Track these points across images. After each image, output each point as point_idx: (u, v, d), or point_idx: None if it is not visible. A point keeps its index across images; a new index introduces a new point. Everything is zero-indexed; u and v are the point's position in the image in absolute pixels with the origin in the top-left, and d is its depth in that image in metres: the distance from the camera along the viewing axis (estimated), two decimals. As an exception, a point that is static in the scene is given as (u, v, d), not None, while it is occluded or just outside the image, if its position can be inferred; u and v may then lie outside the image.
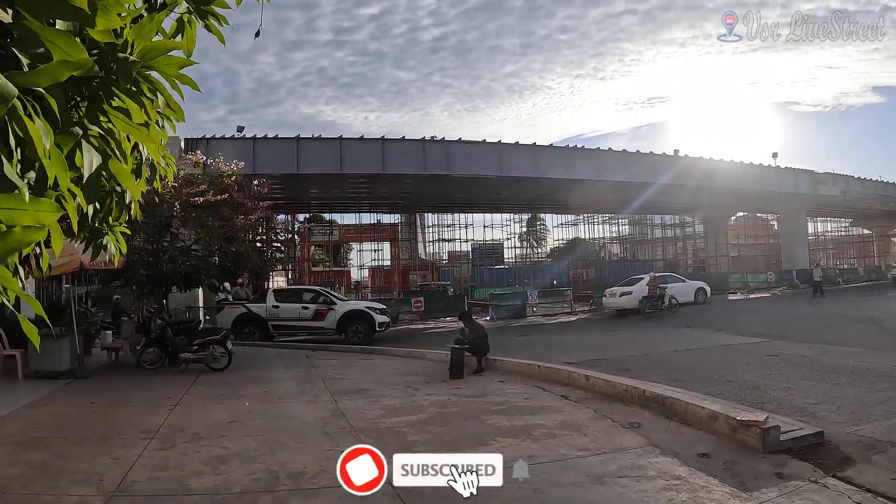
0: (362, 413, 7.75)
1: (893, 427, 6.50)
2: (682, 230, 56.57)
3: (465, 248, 48.20)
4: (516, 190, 35.99)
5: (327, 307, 19.43)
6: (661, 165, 34.90)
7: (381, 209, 43.30)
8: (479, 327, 12.23)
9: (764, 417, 6.01)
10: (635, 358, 12.78)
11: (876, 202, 50.75)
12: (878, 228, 68.61)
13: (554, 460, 5.49)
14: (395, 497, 4.58)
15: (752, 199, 43.90)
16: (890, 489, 4.69)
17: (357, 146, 29.14)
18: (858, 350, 12.29)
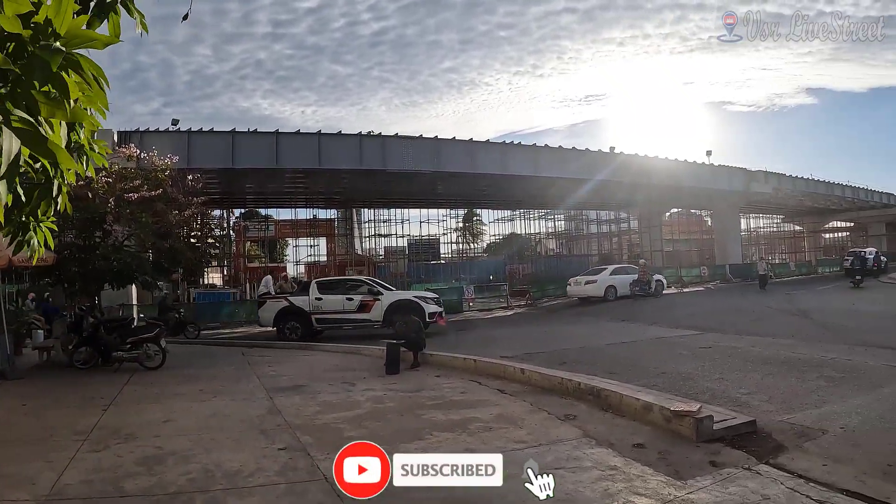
0: (298, 410, 7.67)
1: (824, 415, 6.68)
2: (617, 226, 57.44)
3: (401, 244, 48.15)
4: (453, 185, 36.04)
5: (373, 298, 18.23)
6: (597, 162, 35.23)
7: (318, 204, 42.95)
8: (415, 322, 12.26)
9: (697, 407, 6.10)
10: (571, 351, 12.84)
11: (807, 199, 52.58)
12: (808, 225, 71.15)
13: (490, 453, 5.48)
14: (331, 493, 4.57)
15: (686, 195, 44.84)
16: (821, 475, 4.83)
17: (293, 141, 28.74)
18: (790, 341, 12.61)
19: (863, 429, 6.14)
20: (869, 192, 57.62)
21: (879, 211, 61.55)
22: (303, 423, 6.89)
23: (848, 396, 7.56)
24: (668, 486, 4.63)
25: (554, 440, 5.92)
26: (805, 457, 5.32)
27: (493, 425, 6.57)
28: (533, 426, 6.49)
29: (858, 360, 9.92)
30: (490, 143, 33.34)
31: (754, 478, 4.80)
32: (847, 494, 4.41)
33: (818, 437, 5.90)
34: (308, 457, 5.52)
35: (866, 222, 66.67)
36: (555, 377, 8.45)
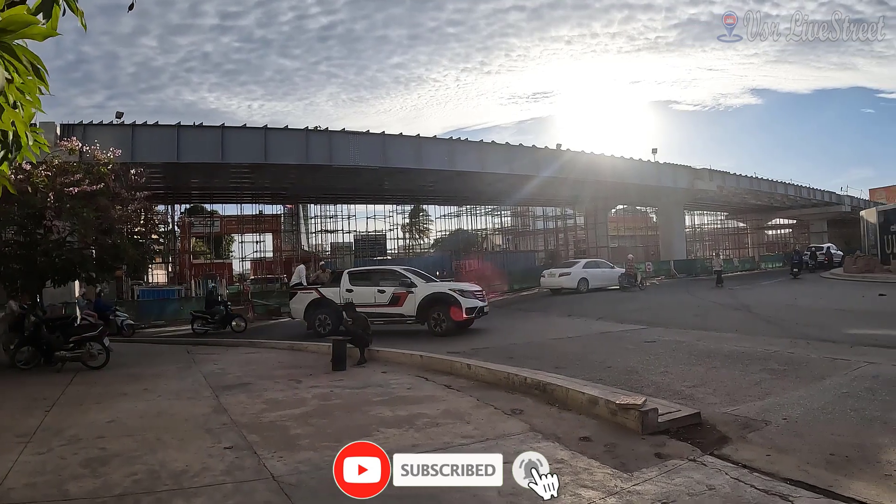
0: (244, 408, 7.61)
1: (767, 407, 6.82)
2: (563, 222, 57.95)
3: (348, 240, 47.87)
4: (400, 181, 35.93)
5: (406, 290, 16.47)
6: (544, 159, 35.45)
7: (264, 200, 42.37)
8: (362, 318, 12.24)
9: (642, 400, 6.16)
10: (518, 346, 12.95)
11: (750, 197, 53.78)
12: (752, 222, 72.88)
13: (437, 449, 5.49)
14: (278, 491, 4.57)
15: (632, 192, 45.38)
16: (765, 464, 4.93)
17: (239, 135, 28.19)
18: (733, 335, 12.82)
19: (805, 420, 6.27)
20: (811, 191, 59.25)
21: (821, 209, 63.33)
22: (249, 422, 6.83)
23: (790, 388, 7.70)
24: (615, 479, 4.68)
25: (501, 435, 5.95)
26: (749, 447, 5.43)
27: (441, 421, 6.58)
28: (480, 421, 6.51)
29: (800, 353, 10.13)
30: (437, 139, 33.24)
31: (699, 469, 4.88)
32: (791, 483, 4.51)
33: (762, 428, 6.02)
34: (255, 455, 5.47)
35: (808, 220, 68.52)
36: (501, 372, 8.51)
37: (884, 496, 4.21)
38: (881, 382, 7.67)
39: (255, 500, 4.44)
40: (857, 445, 5.35)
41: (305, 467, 5.09)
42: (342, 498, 4.34)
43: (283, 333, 18.23)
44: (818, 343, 11.20)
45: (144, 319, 25.13)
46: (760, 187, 51.19)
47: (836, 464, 4.91)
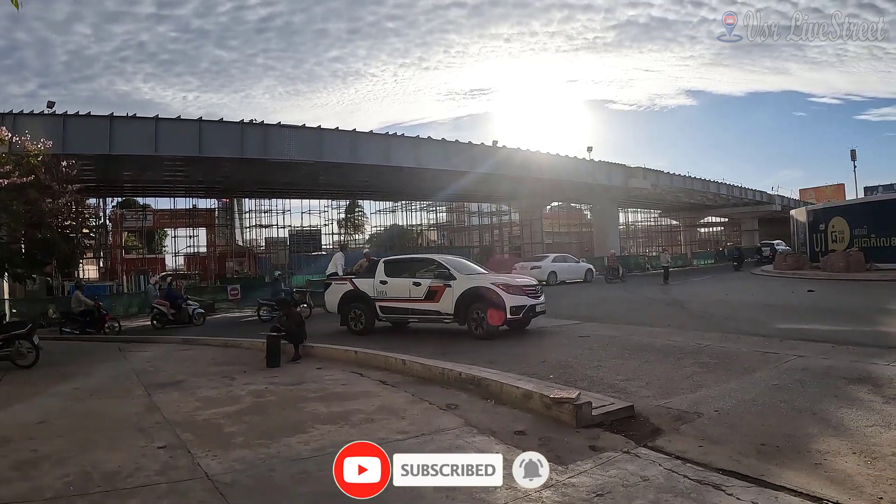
0: (178, 406, 7.48)
1: (699, 399, 6.93)
2: (498, 218, 58.36)
3: (282, 235, 47.36)
4: (335, 176, 35.66)
5: (443, 283, 13.88)
6: (480, 155, 35.66)
7: (198, 193, 41.49)
8: (296, 314, 12.18)
9: (576, 394, 6.23)
10: (451, 341, 12.95)
11: (683, 195, 55.08)
12: (685, 220, 74.59)
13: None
14: (213, 491, 4.53)
15: (567, 189, 45.86)
16: (697, 455, 5.03)
17: (173, 127, 27.51)
18: (665, 330, 12.96)
19: (736, 411, 6.41)
20: (743, 190, 61.13)
21: (752, 207, 65.34)
22: (182, 420, 6.74)
23: (722, 381, 7.85)
24: (550, 472, 4.66)
25: (436, 430, 5.98)
26: (682, 439, 5.54)
27: (376, 416, 6.59)
28: (415, 416, 6.54)
29: (731, 347, 10.31)
30: (373, 134, 33.06)
31: (633, 460, 4.97)
32: (723, 473, 4.60)
33: (694, 420, 6.14)
34: (189, 454, 5.40)
35: (740, 218, 70.59)
36: (436, 367, 8.55)
37: (814, 484, 4.32)
38: (810, 375, 7.86)
39: (190, 500, 4.37)
40: (787, 436, 5.49)
41: (240, 466, 5.05)
42: (277, 496, 4.38)
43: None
44: (749, 337, 11.43)
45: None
46: (693, 186, 52.52)
47: (768, 454, 5.03)
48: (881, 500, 4.02)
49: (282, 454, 5.34)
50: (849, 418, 5.96)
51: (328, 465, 4.81)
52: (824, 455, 4.95)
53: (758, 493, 4.21)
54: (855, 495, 4.11)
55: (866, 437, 5.34)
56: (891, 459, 4.76)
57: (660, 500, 4.18)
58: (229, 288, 27.04)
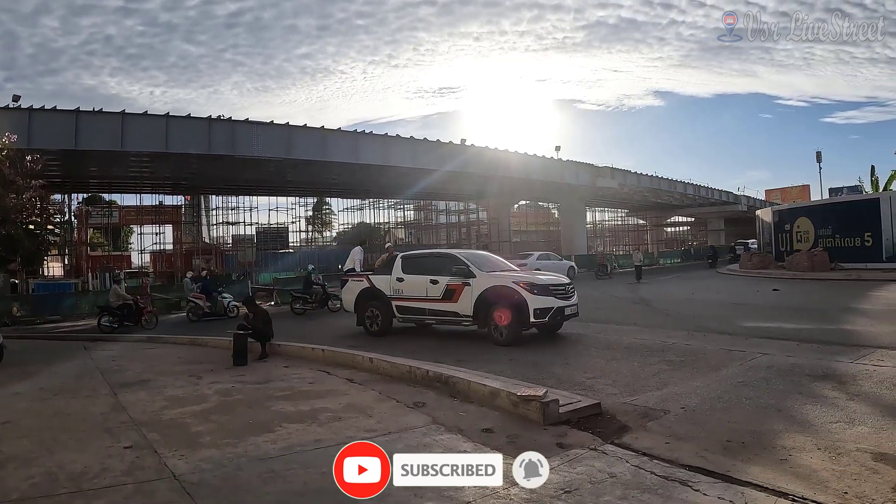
0: (144, 406, 7.41)
1: (666, 396, 6.98)
2: (466, 216, 58.46)
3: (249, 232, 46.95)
4: (303, 173, 35.43)
5: (461, 281, 12.46)
6: (448, 154, 35.71)
7: (164, 190, 40.99)
8: (263, 312, 12.11)
9: (543, 392, 6.24)
10: (420, 339, 12.99)
11: (650, 195, 55.70)
12: (651, 219, 75.25)
13: (341, 443, 5.26)
14: (180, 491, 4.50)
15: (535, 188, 46.11)
16: (664, 452, 5.05)
17: (140, 122, 27.11)
18: (632, 328, 13.06)
19: (702, 408, 6.45)
20: (710, 190, 61.97)
21: (719, 207, 66.19)
22: (149, 420, 6.68)
23: (688, 379, 7.90)
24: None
25: (404, 428, 5.97)
26: (649, 436, 5.56)
27: (343, 415, 6.57)
28: (382, 414, 6.53)
29: (697, 345, 10.37)
30: (342, 131, 32.97)
31: (601, 457, 4.98)
32: (690, 469, 4.63)
33: (660, 417, 6.19)
34: (155, 454, 5.35)
35: (706, 218, 71.52)
36: (403, 365, 8.55)
37: (780, 479, 4.36)
38: (775, 372, 7.94)
39: (157, 501, 4.34)
40: (753, 432, 5.54)
41: (207, 465, 5.01)
42: (245, 496, 4.37)
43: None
44: (715, 335, 11.52)
45: (39, 314, 23.89)
46: (660, 186, 53.12)
47: (734, 450, 5.08)
48: (846, 495, 4.07)
49: (249, 453, 5.31)
50: (813, 415, 6.05)
51: (296, 464, 4.85)
52: (790, 451, 5.01)
53: (724, 488, 4.25)
54: (820, 490, 4.16)
55: (831, 434, 5.41)
56: (855, 455, 4.83)
57: (627, 496, 4.20)
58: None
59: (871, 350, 9.19)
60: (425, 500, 4.18)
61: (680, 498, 4.13)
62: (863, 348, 9.38)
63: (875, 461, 4.69)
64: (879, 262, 28.02)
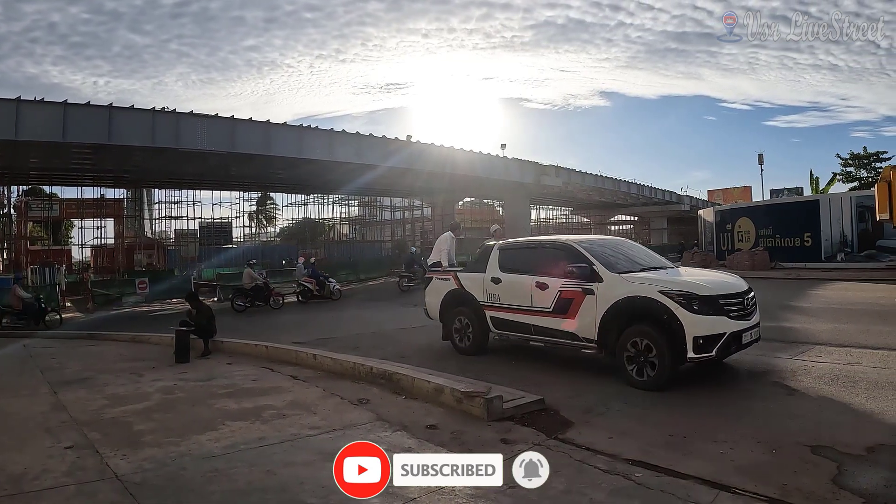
0: (85, 404, 7.26)
1: (608, 393, 7.08)
2: (410, 213, 58.35)
3: (192, 227, 46.06)
4: (248, 167, 34.74)
5: (581, 287, 8.19)
6: (394, 150, 35.26)
7: (106, 183, 39.73)
8: (206, 308, 11.97)
9: (487, 388, 6.32)
10: (364, 336, 12.87)
11: (594, 194, 56.18)
12: (595, 217, 75.99)
13: (285, 440, 5.49)
14: (122, 491, 4.44)
15: (481, 185, 45.95)
16: (607, 446, 5.13)
17: (83, 113, 25.82)
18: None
19: (644, 404, 6.56)
20: (653, 190, 62.78)
21: (662, 207, 67.03)
22: (90, 419, 6.56)
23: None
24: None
25: (348, 425, 5.97)
26: (592, 431, 5.63)
27: (287, 412, 6.55)
28: (326, 412, 6.52)
29: None
30: (287, 125, 32.23)
31: (544, 452, 4.84)
32: (633, 463, 4.70)
33: (603, 412, 6.29)
34: (97, 454, 5.27)
35: (650, 217, 72.48)
36: (347, 362, 8.54)
37: (720, 472, 4.47)
38: (715, 368, 8.08)
39: (100, 502, 4.28)
40: (694, 427, 5.68)
41: (150, 465, 4.96)
42: (188, 495, 4.34)
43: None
44: None
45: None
46: (605, 185, 53.60)
47: (675, 444, 5.19)
48: (786, 487, 4.20)
49: (192, 452, 5.28)
50: (754, 409, 6.21)
51: (240, 463, 4.84)
52: (730, 445, 5.13)
53: (667, 482, 4.33)
54: (760, 483, 4.28)
55: (770, 427, 5.58)
56: (794, 448, 4.98)
57: (571, 490, 4.26)
58: (137, 281, 26.21)
59: (810, 346, 9.43)
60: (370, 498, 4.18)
61: (623, 492, 4.21)
62: (802, 345, 9.60)
63: (813, 454, 4.85)
64: (818, 261, 28.93)
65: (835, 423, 5.66)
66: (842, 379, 7.25)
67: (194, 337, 10.93)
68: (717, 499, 4.03)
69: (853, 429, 5.45)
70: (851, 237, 28.71)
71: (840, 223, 28.98)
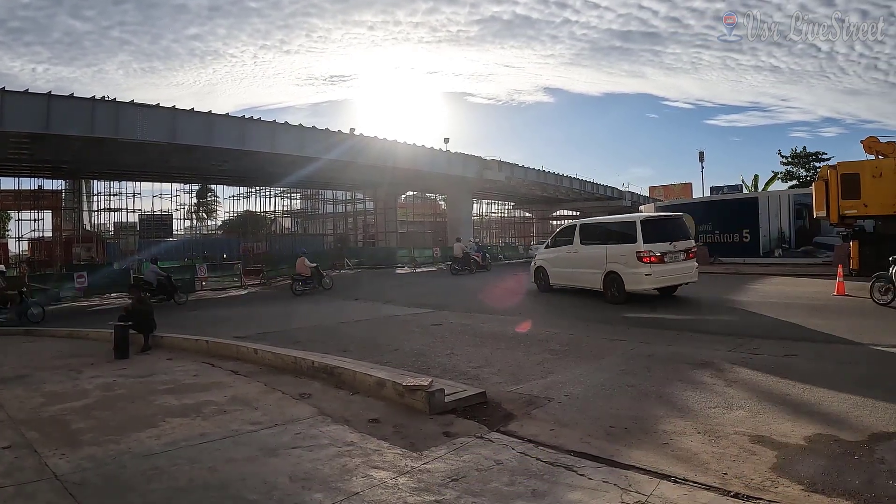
0: (22, 402, 7.08)
1: (550, 385, 7.12)
2: (353, 206, 58.00)
3: (132, 219, 44.91)
4: (189, 159, 34.00)
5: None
6: (337, 142, 35.06)
7: (44, 174, 38.41)
8: (147, 302, 11.79)
9: (428, 382, 6.32)
10: (305, 330, 12.82)
11: (537, 189, 56.71)
12: (537, 212, 76.63)
13: (226, 436, 5.44)
14: (62, 491, 4.36)
15: (424, 179, 45.92)
16: (549, 438, 5.18)
17: (20, 100, 24.88)
18: (518, 318, 13.07)
19: (586, 396, 6.61)
20: (595, 185, 63.83)
21: (604, 202, 67.69)
22: (27, 417, 6.41)
23: (571, 367, 8.07)
24: (405, 458, 4.80)
25: (289, 419, 5.96)
26: (534, 423, 5.69)
27: (228, 408, 6.50)
28: (268, 407, 6.50)
29: (580, 335, 10.59)
30: (230, 117, 31.65)
31: (487, 445, 5.06)
32: (574, 455, 4.73)
33: (545, 404, 6.32)
34: (35, 454, 5.16)
35: (591, 212, 72.97)
36: (288, 357, 8.51)
37: (661, 462, 4.54)
38: (656, 361, 8.23)
39: (39, 503, 4.22)
40: (635, 418, 5.74)
41: (89, 464, 4.88)
42: (129, 494, 4.29)
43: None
44: (597, 325, 11.80)
45: None
46: (547, 180, 54.19)
47: (617, 435, 5.25)
48: (726, 476, 4.30)
49: (132, 450, 5.21)
50: (693, 400, 6.31)
51: (181, 460, 4.81)
52: (671, 435, 5.23)
53: (608, 472, 4.38)
54: (701, 472, 4.37)
55: (710, 418, 5.69)
56: (733, 438, 5.09)
57: (514, 482, 4.28)
58: (76, 275, 25.46)
59: (749, 339, 9.63)
60: (313, 493, 4.22)
61: (565, 483, 4.26)
62: (740, 337, 9.79)
63: (753, 443, 4.98)
64: (757, 256, 29.80)
65: (773, 413, 5.81)
66: (779, 371, 7.43)
67: (133, 332, 10.72)
68: (658, 488, 4.10)
69: (791, 419, 5.59)
70: (789, 233, 29.63)
71: (778, 220, 29.87)
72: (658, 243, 14.49)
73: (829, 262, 24.55)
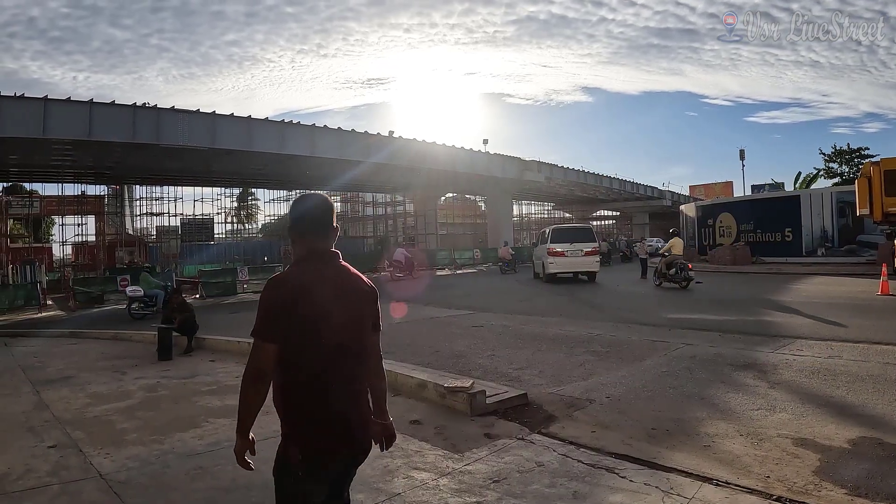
0: (67, 403, 7.21)
1: (591, 386, 7.07)
2: (393, 208, 58.21)
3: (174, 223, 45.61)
4: (229, 163, 34.51)
5: None
6: (375, 145, 35.18)
7: (87, 179, 39.25)
8: (188, 305, 11.93)
9: (470, 383, 6.30)
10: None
11: (577, 189, 56.51)
12: (577, 212, 76.14)
13: (268, 437, 5.41)
14: (107, 490, 4.40)
15: (462, 181, 45.94)
16: (590, 440, 5.13)
17: (63, 109, 25.55)
18: (557, 319, 13.07)
19: (627, 398, 6.55)
20: (635, 185, 63.28)
21: (644, 202, 67.47)
22: (73, 418, 6.51)
23: (613, 369, 8.01)
24: (446, 460, 4.77)
25: None
26: (575, 425, 5.63)
27: (272, 409, 6.42)
28: (314, 407, 6.52)
29: (622, 336, 10.51)
30: (268, 121, 32.04)
31: (528, 447, 5.02)
32: (615, 457, 4.70)
33: (586, 406, 6.26)
34: (80, 453, 5.23)
35: (631, 212, 72.90)
36: (329, 358, 8.55)
37: (703, 465, 4.47)
38: (698, 362, 8.13)
39: (84, 501, 4.23)
40: (676, 420, 5.67)
41: (134, 463, 4.93)
42: (172, 493, 4.31)
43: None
44: (639, 326, 11.70)
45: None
46: (587, 180, 53.90)
47: (658, 437, 5.20)
48: (768, 479, 4.21)
49: (176, 450, 5.26)
50: (735, 403, 6.21)
51: (223, 460, 4.81)
52: (713, 437, 5.15)
53: (650, 474, 4.33)
54: (743, 475, 4.29)
55: (752, 420, 5.58)
56: (776, 441, 4.99)
57: (555, 484, 4.24)
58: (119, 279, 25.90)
59: (791, 340, 9.47)
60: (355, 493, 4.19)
61: (606, 485, 4.21)
62: (783, 338, 9.65)
63: (796, 446, 4.87)
64: (799, 256, 29.32)
65: (816, 416, 5.67)
66: (823, 372, 7.31)
67: (177, 334, 10.87)
68: (700, 491, 4.03)
69: (835, 422, 5.46)
70: (832, 232, 29.03)
71: (821, 218, 29.31)
72: (561, 244, 23.11)
73: (872, 261, 23.98)
